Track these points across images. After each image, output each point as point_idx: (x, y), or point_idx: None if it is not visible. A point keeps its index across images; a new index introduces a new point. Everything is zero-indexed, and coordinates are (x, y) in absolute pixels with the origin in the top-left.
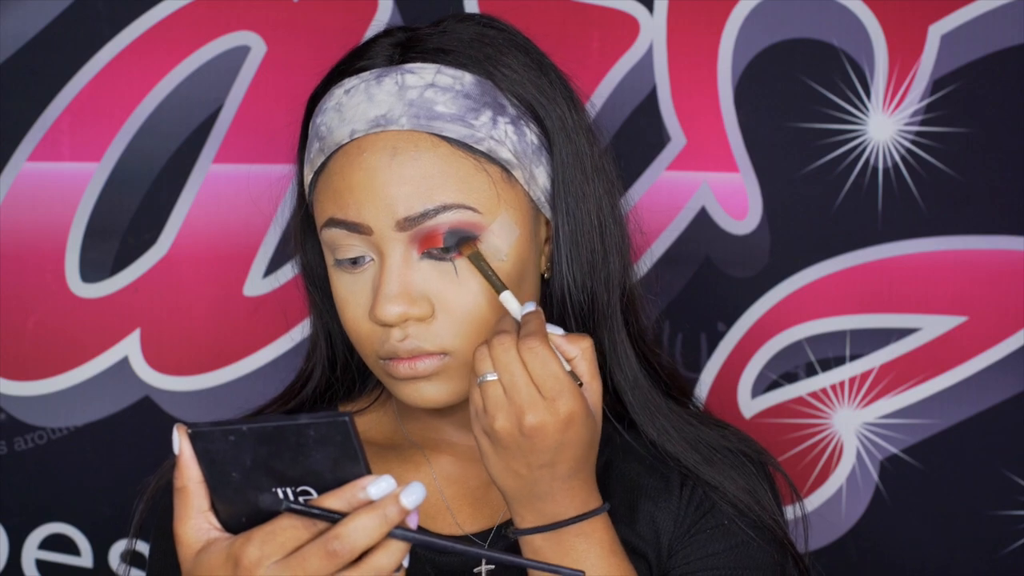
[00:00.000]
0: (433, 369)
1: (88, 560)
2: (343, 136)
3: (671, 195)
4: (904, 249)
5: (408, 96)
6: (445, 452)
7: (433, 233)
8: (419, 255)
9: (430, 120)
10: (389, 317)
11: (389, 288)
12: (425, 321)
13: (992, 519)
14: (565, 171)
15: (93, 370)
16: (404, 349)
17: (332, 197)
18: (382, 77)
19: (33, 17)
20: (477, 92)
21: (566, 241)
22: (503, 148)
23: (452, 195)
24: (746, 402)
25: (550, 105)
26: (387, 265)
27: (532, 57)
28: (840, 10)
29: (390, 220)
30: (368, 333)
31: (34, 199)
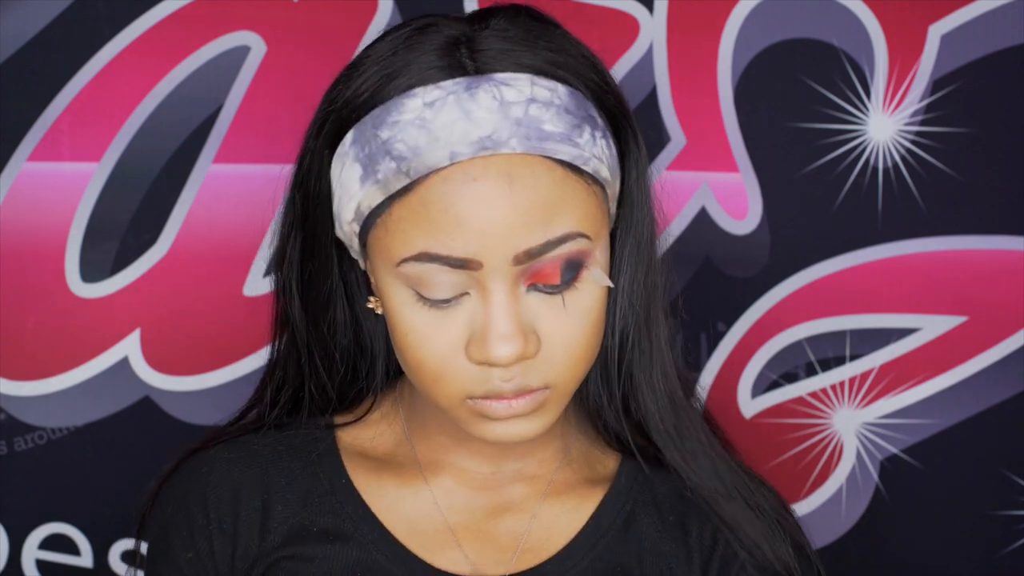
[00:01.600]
0: (535, 405)
1: (88, 560)
2: (440, 159)
3: (671, 195)
4: (904, 249)
5: (513, 114)
6: (447, 475)
7: (551, 268)
8: (526, 288)
9: (541, 141)
10: (504, 359)
11: (503, 327)
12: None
13: (992, 519)
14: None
15: (93, 370)
16: (511, 389)
17: (428, 229)
18: (473, 89)
19: (33, 17)
20: (573, 106)
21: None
22: (604, 167)
23: (570, 223)
24: (746, 402)
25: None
26: (495, 301)
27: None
28: (840, 10)
29: (507, 255)
30: (459, 372)
31: (34, 199)
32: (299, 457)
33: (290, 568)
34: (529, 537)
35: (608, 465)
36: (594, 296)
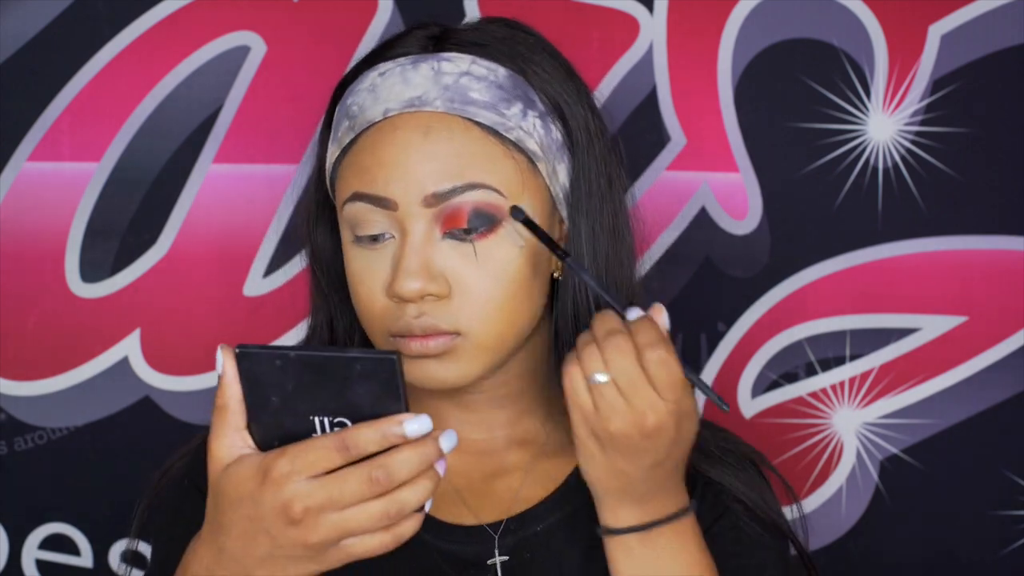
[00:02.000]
0: (444, 348)
1: (88, 560)
2: (376, 114)
3: (671, 195)
4: (904, 249)
5: (444, 81)
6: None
7: (458, 211)
8: (441, 235)
9: (464, 104)
10: (408, 292)
11: (409, 263)
12: (442, 300)
13: (992, 519)
14: (587, 173)
15: (93, 370)
16: (418, 326)
17: (359, 172)
18: (418, 62)
19: (33, 17)
20: (509, 85)
21: (586, 240)
22: (530, 139)
23: (480, 175)
24: (746, 402)
25: (576, 108)
26: (409, 241)
27: (560, 62)
28: (840, 10)
29: (418, 196)
30: (382, 309)
31: (34, 199)
32: None
33: None
34: (523, 490)
35: None
36: (508, 253)
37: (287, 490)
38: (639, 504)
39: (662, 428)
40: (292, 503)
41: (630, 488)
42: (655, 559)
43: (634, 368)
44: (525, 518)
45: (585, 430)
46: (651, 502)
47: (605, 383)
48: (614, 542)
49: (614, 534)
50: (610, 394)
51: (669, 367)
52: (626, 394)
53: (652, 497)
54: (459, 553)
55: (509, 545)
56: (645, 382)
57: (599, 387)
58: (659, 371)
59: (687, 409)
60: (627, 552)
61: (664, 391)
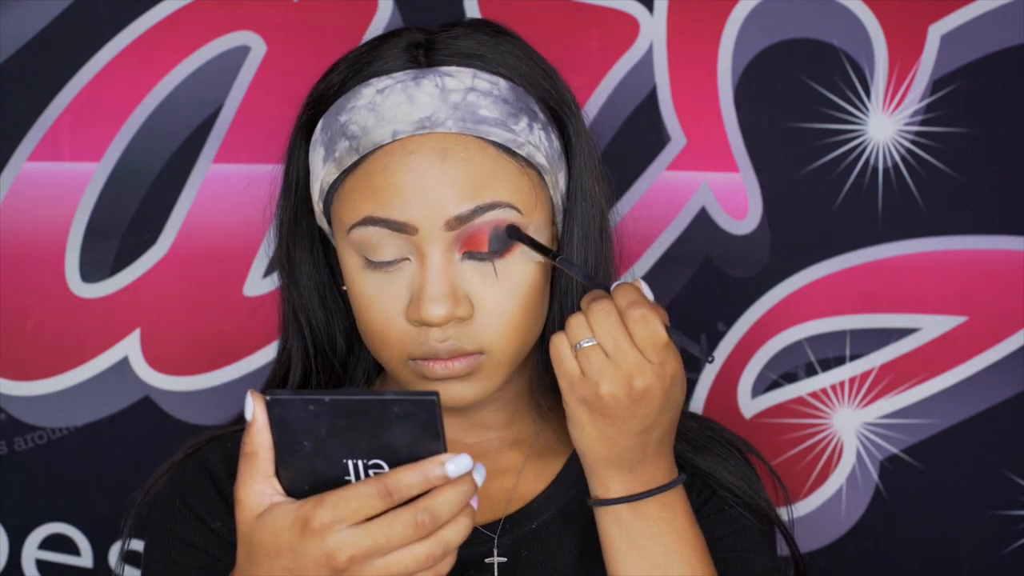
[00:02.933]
0: (469, 368)
1: (88, 560)
2: (383, 135)
3: (671, 195)
4: (904, 249)
5: (451, 99)
6: None
7: (479, 233)
8: (460, 256)
9: (476, 124)
10: (436, 318)
11: (435, 288)
12: (465, 321)
13: (992, 519)
14: (582, 176)
15: (93, 370)
16: (445, 350)
17: (371, 196)
18: (419, 78)
19: (33, 17)
20: (513, 97)
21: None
22: (539, 153)
23: (500, 194)
24: (746, 402)
25: (569, 112)
26: (430, 265)
27: (545, 67)
28: (840, 10)
29: (438, 220)
30: (400, 334)
31: (34, 199)
32: None
33: None
34: (517, 489)
35: None
36: (525, 270)
37: (330, 540)
38: (629, 473)
39: (649, 390)
40: (337, 553)
41: (620, 456)
42: (646, 529)
43: (618, 328)
44: (520, 516)
45: (574, 397)
46: (641, 471)
47: (591, 346)
48: (605, 513)
49: (604, 504)
50: (596, 357)
51: (650, 325)
52: (613, 356)
53: (641, 466)
54: (459, 555)
55: (506, 545)
56: (630, 343)
57: (585, 351)
58: (642, 329)
59: (673, 372)
60: (618, 523)
61: (648, 351)
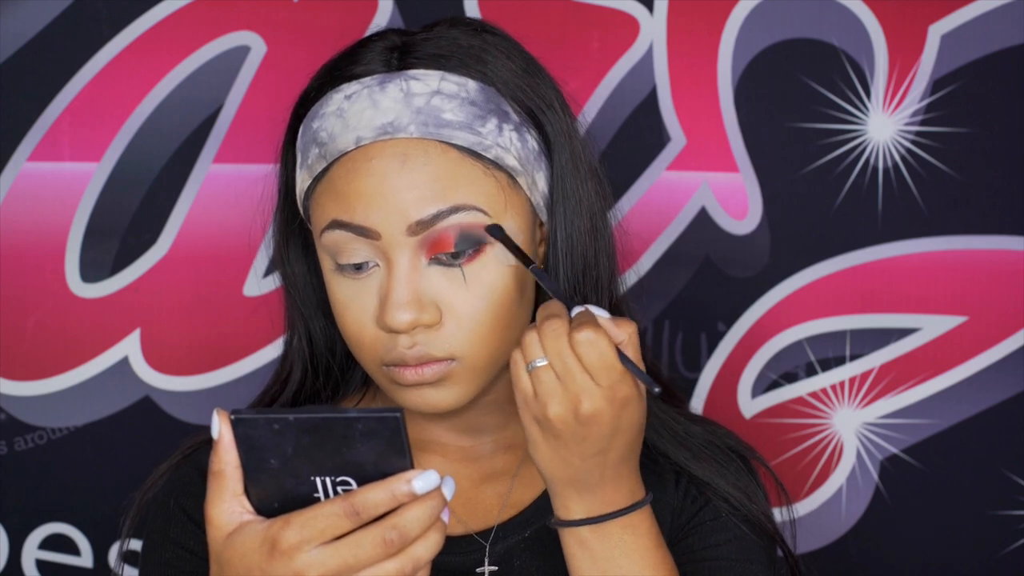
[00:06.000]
0: (440, 375)
1: (88, 560)
2: (347, 143)
3: (671, 195)
4: (904, 249)
5: (415, 103)
6: (435, 453)
7: (443, 237)
8: (427, 261)
9: (439, 128)
10: (400, 324)
11: (399, 295)
12: (433, 327)
13: (992, 519)
14: (563, 175)
15: (93, 370)
16: (412, 356)
17: (336, 200)
18: (385, 83)
19: (33, 17)
20: (482, 99)
21: (561, 245)
22: (509, 155)
23: (463, 197)
24: (746, 402)
25: (549, 111)
26: (395, 272)
27: (527, 62)
28: (840, 10)
29: (401, 225)
30: (372, 340)
31: (34, 199)
32: None
33: None
34: (511, 495)
35: None
36: (496, 274)
37: (299, 560)
38: (588, 494)
39: (598, 414)
40: (305, 573)
41: (576, 477)
42: (610, 552)
43: (567, 350)
44: (513, 524)
45: (528, 416)
46: (601, 493)
47: (543, 366)
48: (568, 534)
49: (565, 526)
50: (547, 378)
51: (598, 348)
52: (561, 377)
53: (601, 488)
54: (450, 564)
55: (499, 552)
56: (579, 366)
57: (537, 371)
58: (589, 352)
59: (625, 396)
60: (581, 545)
61: (597, 375)
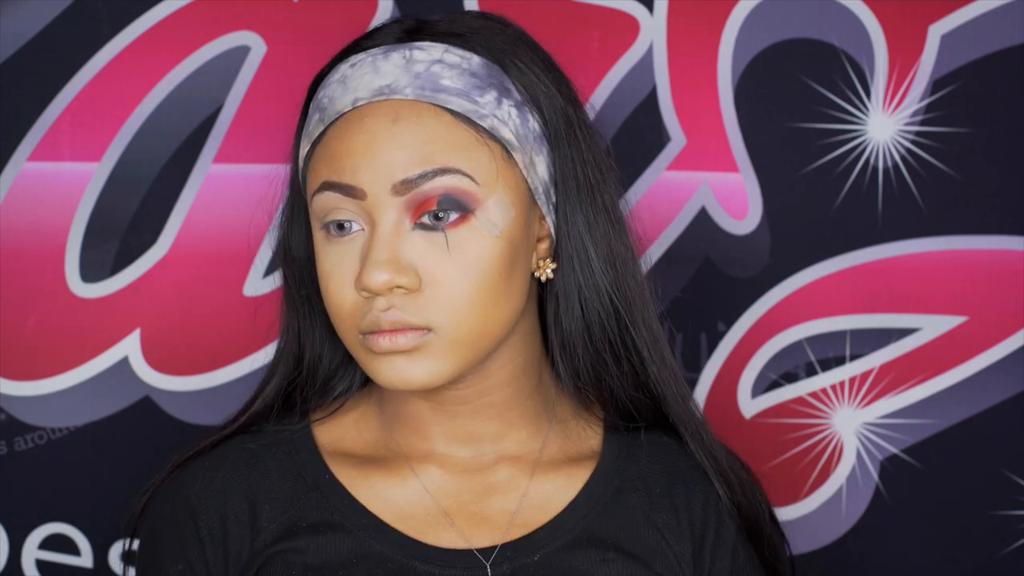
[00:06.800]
0: (414, 344)
1: (88, 560)
2: (345, 104)
3: (671, 195)
4: (904, 249)
5: (414, 69)
6: (433, 464)
7: (428, 198)
8: (411, 225)
9: (435, 92)
10: (376, 283)
11: (378, 254)
12: (411, 293)
13: (992, 519)
14: (573, 165)
15: (93, 370)
16: (387, 320)
17: (328, 162)
18: (389, 52)
19: (33, 17)
20: (484, 73)
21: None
22: (505, 128)
23: (452, 160)
24: (746, 402)
25: (555, 99)
26: (378, 232)
27: (540, 55)
28: (840, 10)
29: (387, 183)
30: (351, 307)
31: (34, 199)
32: (278, 458)
33: (284, 562)
34: (520, 513)
35: (592, 441)
36: (481, 245)
37: None
38: None
39: None
40: None
41: None
42: None
43: None
44: (520, 545)
45: None
46: None
47: None
48: None
49: None
50: None
51: None
52: None
53: None
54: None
55: (503, 573)
56: None
57: None
58: None
59: None
60: None
61: None
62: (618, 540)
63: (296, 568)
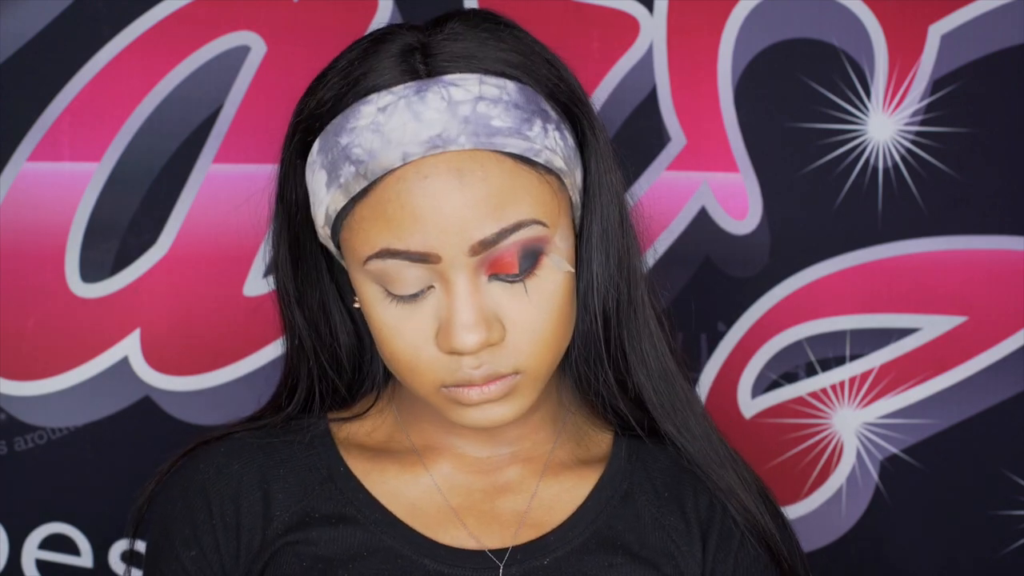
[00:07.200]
0: (506, 390)
1: (88, 560)
2: (392, 160)
3: (671, 195)
4: (904, 249)
5: (461, 112)
6: (446, 460)
7: (507, 257)
8: (487, 277)
9: (490, 137)
10: (469, 347)
11: (466, 317)
12: (498, 344)
13: (992, 519)
14: (598, 169)
15: (93, 370)
16: (480, 376)
17: (386, 227)
18: (423, 92)
19: (33, 17)
20: (523, 100)
21: (598, 239)
22: (557, 157)
23: (524, 211)
24: (746, 402)
25: (579, 104)
26: (457, 292)
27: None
28: (840, 10)
29: (463, 247)
30: (429, 362)
31: (34, 199)
32: (294, 450)
33: (295, 552)
34: (530, 514)
35: (602, 445)
36: (556, 282)
37: None
38: None
39: None
40: None
41: None
42: None
43: None
44: (532, 548)
45: None
46: None
47: None
48: None
49: None
50: None
51: None
52: None
53: None
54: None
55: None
56: None
57: None
58: None
59: None
60: None
61: None
62: (627, 543)
63: (307, 559)
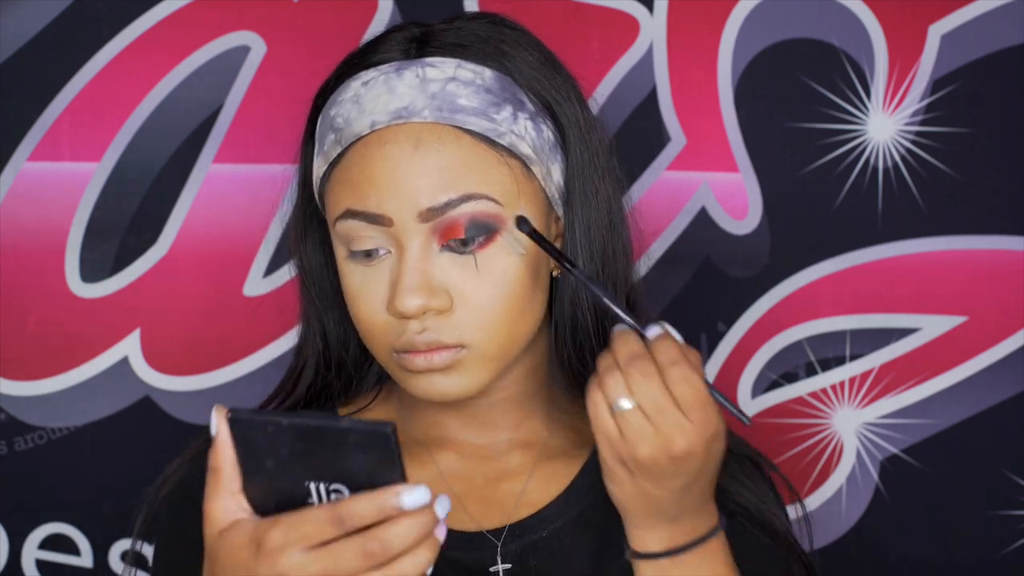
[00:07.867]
0: (449, 362)
1: (88, 560)
2: (363, 127)
3: (671, 195)
4: (904, 249)
5: (430, 89)
6: (449, 449)
7: (454, 224)
8: (439, 247)
9: (453, 113)
10: (409, 309)
11: (409, 280)
12: (444, 314)
13: (992, 519)
14: (581, 168)
15: (93, 370)
16: (422, 341)
17: (350, 188)
18: (402, 70)
19: (33, 17)
20: (497, 87)
21: (580, 240)
22: (523, 143)
23: (475, 185)
24: (746, 402)
25: (565, 103)
26: (407, 257)
27: (544, 55)
28: (840, 10)
29: (412, 211)
30: (383, 326)
31: (34, 199)
32: None
33: None
34: (526, 494)
35: None
36: (508, 262)
37: (282, 562)
38: (669, 526)
39: (691, 451)
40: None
41: (660, 510)
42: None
43: (660, 392)
44: (529, 523)
45: (612, 456)
46: (681, 523)
47: (630, 409)
48: (646, 566)
49: (646, 559)
50: (636, 420)
51: (692, 384)
52: (653, 419)
53: (682, 518)
54: (461, 560)
55: (514, 552)
56: (672, 404)
57: (624, 414)
58: (683, 389)
59: (715, 429)
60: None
61: (690, 411)
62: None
63: None
